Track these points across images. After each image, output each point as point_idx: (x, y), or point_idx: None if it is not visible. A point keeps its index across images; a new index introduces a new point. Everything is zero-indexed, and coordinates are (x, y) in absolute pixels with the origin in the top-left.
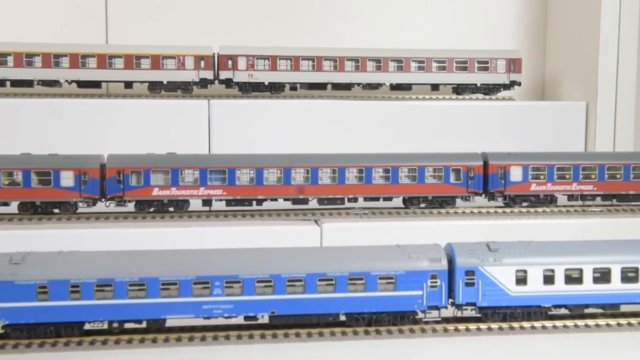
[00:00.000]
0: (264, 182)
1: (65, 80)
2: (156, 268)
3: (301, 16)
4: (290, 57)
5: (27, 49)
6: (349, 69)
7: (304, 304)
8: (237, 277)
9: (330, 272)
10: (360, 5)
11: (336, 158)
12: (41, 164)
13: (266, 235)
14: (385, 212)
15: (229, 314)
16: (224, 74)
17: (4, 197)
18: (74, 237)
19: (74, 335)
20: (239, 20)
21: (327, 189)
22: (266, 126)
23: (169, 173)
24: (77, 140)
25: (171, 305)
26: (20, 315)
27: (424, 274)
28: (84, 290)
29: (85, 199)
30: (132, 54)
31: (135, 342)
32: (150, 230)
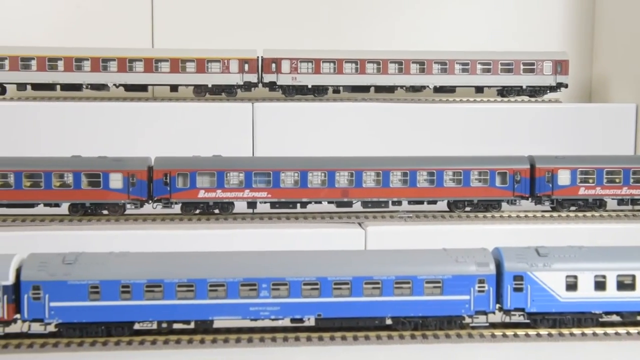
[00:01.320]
0: (308, 185)
1: (113, 83)
2: (204, 269)
3: (344, 19)
4: (333, 60)
5: (77, 54)
6: (392, 71)
7: (350, 307)
8: (284, 279)
9: (376, 275)
10: (404, 8)
11: (380, 161)
12: (91, 166)
13: (310, 238)
14: (429, 216)
15: (275, 316)
16: (268, 77)
17: (55, 199)
18: (121, 238)
19: (124, 335)
20: (283, 24)
21: (371, 192)
22: (309, 129)
23: (214, 175)
24: (124, 143)
25: (219, 307)
26: (72, 314)
27: (471, 278)
28: (134, 291)
29: (133, 201)
30: (177, 57)
31: (183, 342)
32: (195, 232)
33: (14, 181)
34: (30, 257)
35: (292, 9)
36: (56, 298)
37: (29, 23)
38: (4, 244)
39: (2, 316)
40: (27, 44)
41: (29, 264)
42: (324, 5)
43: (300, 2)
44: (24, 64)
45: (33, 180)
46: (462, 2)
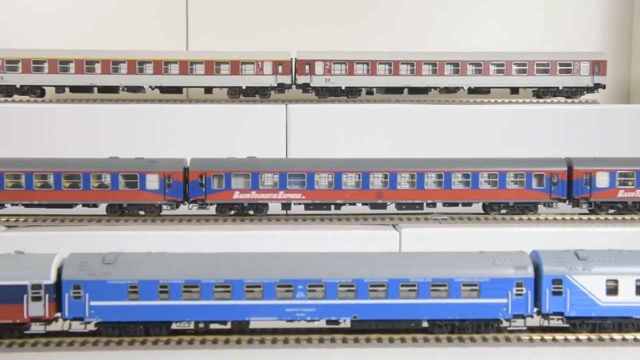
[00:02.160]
0: (343, 187)
1: (149, 86)
2: (241, 270)
3: (378, 20)
4: (367, 61)
5: (114, 57)
6: (426, 72)
7: (386, 309)
8: (320, 281)
9: (412, 277)
10: (438, 8)
11: (415, 163)
12: (128, 167)
13: (344, 240)
14: (464, 218)
15: (311, 318)
16: (301, 79)
17: (93, 199)
18: (157, 238)
19: (162, 334)
20: (317, 26)
21: (405, 193)
22: (342, 130)
23: (249, 177)
24: (160, 144)
25: (255, 308)
26: (112, 313)
27: (509, 281)
28: (172, 291)
29: (169, 202)
30: (212, 60)
31: (220, 342)
32: (230, 233)
33: (54, 182)
34: (71, 256)
35: (326, 10)
36: (96, 297)
37: (68, 27)
38: (44, 244)
39: (44, 314)
40: (65, 48)
41: (69, 263)
42: (358, 7)
43: (334, 4)
44: (63, 67)
45: (72, 181)
46: (497, 2)
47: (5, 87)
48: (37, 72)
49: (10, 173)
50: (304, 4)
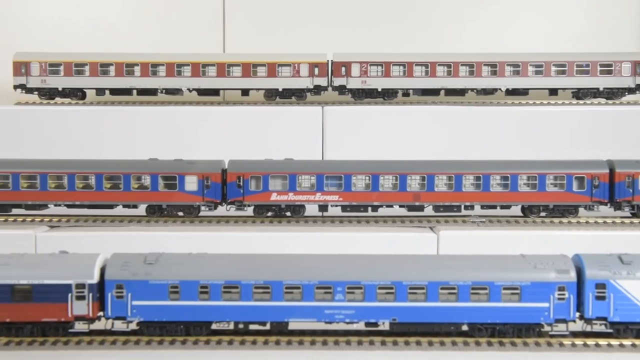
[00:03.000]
0: (380, 189)
1: (186, 88)
2: (280, 272)
3: (414, 21)
4: (403, 63)
5: (153, 59)
6: (463, 74)
7: (425, 312)
8: (359, 283)
9: (452, 280)
10: (474, 9)
11: (452, 165)
12: (167, 169)
13: (381, 242)
14: (503, 221)
15: (350, 320)
16: (338, 81)
17: (133, 200)
18: (196, 239)
19: (202, 334)
20: (353, 27)
21: (443, 196)
22: (379, 132)
23: (286, 179)
24: (197, 146)
25: (294, 309)
26: (153, 313)
27: (551, 285)
28: (212, 291)
29: (207, 203)
30: (249, 62)
31: (259, 343)
32: (267, 234)
33: (95, 183)
34: (114, 256)
35: (362, 12)
36: (138, 297)
37: (108, 31)
38: (85, 243)
39: (87, 313)
40: (105, 51)
41: (112, 263)
42: (394, 8)
43: (370, 6)
44: (103, 70)
45: (113, 182)
46: (535, 2)
47: (47, 89)
48: (78, 75)
49: (53, 174)
50: (340, 6)
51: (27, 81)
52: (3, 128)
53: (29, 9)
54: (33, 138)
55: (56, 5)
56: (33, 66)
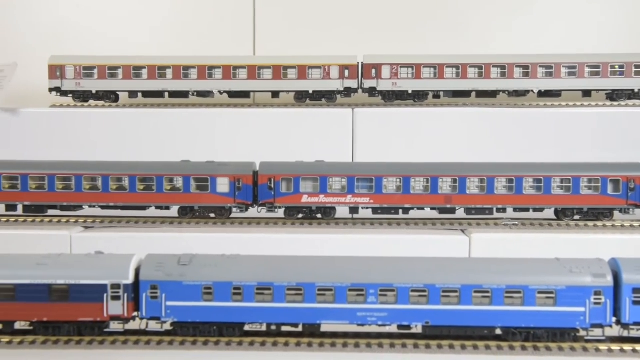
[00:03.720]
0: (411, 191)
1: (217, 90)
2: (313, 274)
3: (445, 23)
4: (434, 64)
5: (185, 62)
6: (494, 75)
7: (458, 315)
8: (392, 285)
9: (486, 284)
10: (506, 10)
11: (484, 167)
12: (199, 170)
13: (412, 245)
14: (536, 224)
15: (382, 322)
16: (368, 83)
17: (166, 202)
18: (227, 240)
19: (235, 335)
20: (383, 29)
21: (475, 198)
22: (409, 134)
23: (317, 181)
24: (228, 148)
25: (327, 311)
26: (187, 314)
27: (587, 289)
28: (245, 293)
29: (239, 205)
30: (280, 64)
31: (291, 345)
32: (298, 236)
33: (129, 184)
34: (148, 257)
35: (392, 14)
36: (172, 297)
37: (140, 34)
38: (119, 244)
39: (122, 313)
40: (138, 54)
41: (147, 264)
42: (425, 10)
43: (401, 8)
44: (136, 73)
45: (146, 184)
46: (568, 3)
47: (82, 92)
48: (111, 78)
49: (88, 176)
50: (370, 8)
51: (62, 84)
52: (38, 130)
53: (63, 13)
54: (67, 140)
55: (90, 9)
56: (68, 69)
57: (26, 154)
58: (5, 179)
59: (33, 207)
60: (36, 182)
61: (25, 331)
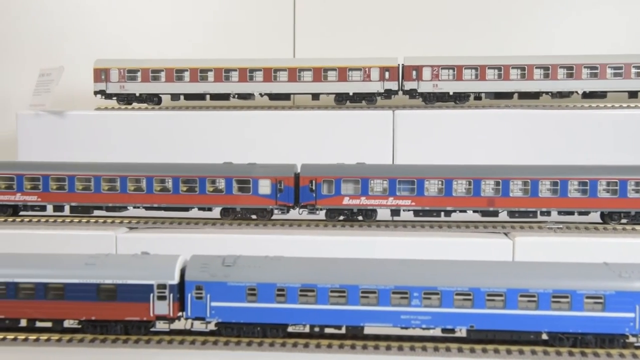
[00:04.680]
0: (453, 193)
1: (258, 93)
2: (356, 276)
3: (486, 24)
4: (475, 66)
5: (226, 65)
6: (537, 77)
7: (504, 319)
8: (436, 288)
9: (532, 288)
10: (548, 10)
11: (528, 170)
12: (241, 172)
13: (454, 247)
14: (581, 227)
15: (426, 325)
16: (409, 85)
17: (208, 203)
18: (269, 242)
19: (278, 336)
20: (423, 31)
21: (518, 201)
22: (450, 136)
23: (359, 183)
24: (269, 150)
25: (370, 313)
26: (231, 314)
27: (637, 295)
28: (288, 294)
29: (280, 207)
30: (320, 66)
31: (334, 347)
32: (339, 239)
33: (172, 186)
34: (193, 258)
35: (433, 15)
36: (217, 298)
37: (182, 38)
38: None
39: (168, 313)
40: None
41: (192, 264)
42: (465, 12)
43: (441, 9)
44: (178, 76)
45: (189, 186)
46: (613, 2)
47: (125, 95)
48: (154, 81)
49: (132, 177)
50: (410, 10)
51: (107, 87)
52: (84, 132)
53: (107, 18)
54: (112, 142)
55: (133, 14)
56: (112, 73)
57: (72, 155)
58: (53, 180)
59: (79, 208)
60: (82, 184)
61: (74, 329)
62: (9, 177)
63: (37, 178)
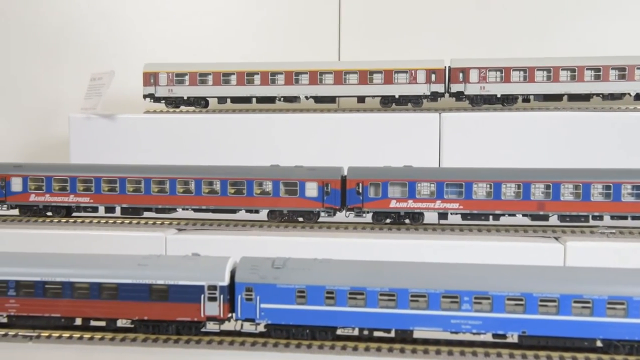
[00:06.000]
0: (502, 197)
1: (304, 96)
2: (406, 279)
3: (534, 24)
4: (524, 67)
5: (272, 68)
6: (588, 78)
7: (557, 325)
8: (487, 293)
9: (587, 294)
10: (599, 9)
11: (579, 173)
12: (288, 175)
13: (503, 252)
14: (635, 232)
15: (477, 331)
16: (455, 87)
17: (256, 205)
18: (316, 244)
19: (327, 339)
20: (470, 33)
21: (569, 205)
22: (497, 139)
23: (406, 186)
24: (314, 153)
25: (419, 317)
26: (280, 316)
27: None
28: (338, 297)
29: (327, 209)
30: (366, 69)
31: (384, 350)
32: (386, 242)
33: (220, 188)
34: (243, 260)
35: (479, 17)
36: (266, 300)
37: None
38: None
39: (218, 314)
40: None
41: (242, 266)
42: (511, 12)
43: (487, 10)
44: (225, 79)
45: (236, 188)
46: None
47: (174, 98)
48: (202, 85)
49: (181, 179)
50: (457, 11)
51: (156, 91)
52: (133, 135)
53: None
54: (160, 144)
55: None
56: (161, 76)
57: (122, 157)
58: (104, 182)
59: (130, 209)
60: (133, 185)
61: (126, 329)
62: (63, 179)
63: (90, 180)
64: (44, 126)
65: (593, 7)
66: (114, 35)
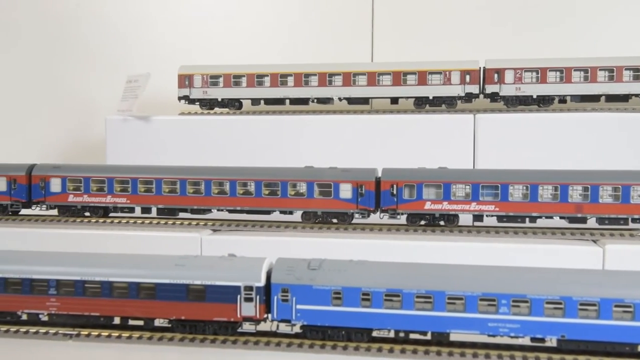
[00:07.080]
0: (539, 199)
1: (337, 97)
2: (442, 282)
3: (571, 23)
4: (560, 68)
5: (306, 70)
6: (627, 78)
7: (597, 330)
8: (525, 296)
9: (628, 298)
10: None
11: (618, 175)
12: (322, 176)
13: (540, 254)
14: None
15: (515, 334)
16: (490, 88)
17: (290, 207)
18: (350, 246)
19: (363, 340)
20: (505, 33)
21: (608, 207)
22: (533, 140)
23: (440, 187)
24: (347, 154)
25: (456, 320)
26: (316, 317)
27: None
28: (373, 299)
29: (361, 211)
30: (399, 70)
31: (420, 352)
32: (421, 243)
33: (254, 189)
34: (279, 261)
35: (514, 17)
36: (302, 301)
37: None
38: (245, 247)
39: (254, 315)
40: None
41: (278, 267)
42: (548, 13)
43: (522, 10)
44: (259, 81)
45: (270, 189)
46: None
47: (208, 100)
48: (236, 86)
49: (216, 181)
50: (491, 11)
51: (190, 92)
52: (169, 136)
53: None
54: (195, 146)
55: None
56: (196, 78)
57: (157, 159)
58: (141, 183)
59: (166, 210)
60: (169, 186)
61: (164, 328)
62: (101, 180)
63: (127, 181)
64: (82, 128)
65: (632, 3)
66: (150, 38)
